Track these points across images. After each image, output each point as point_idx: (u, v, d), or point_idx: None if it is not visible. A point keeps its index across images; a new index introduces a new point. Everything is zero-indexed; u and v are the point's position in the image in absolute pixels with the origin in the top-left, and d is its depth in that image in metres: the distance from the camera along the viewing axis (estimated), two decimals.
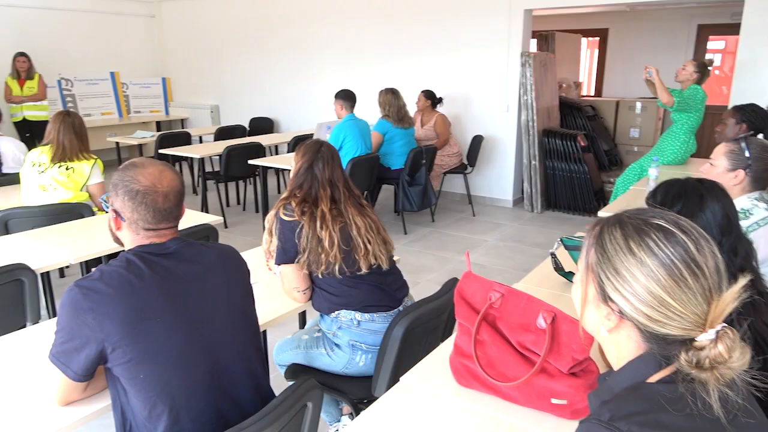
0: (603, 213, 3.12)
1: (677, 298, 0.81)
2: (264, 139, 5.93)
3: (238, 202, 6.20)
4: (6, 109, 6.20)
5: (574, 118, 6.36)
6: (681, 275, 0.81)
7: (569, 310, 1.31)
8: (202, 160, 5.58)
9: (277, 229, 1.85)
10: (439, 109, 5.60)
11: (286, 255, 1.85)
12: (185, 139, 6.25)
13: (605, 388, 0.91)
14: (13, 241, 2.61)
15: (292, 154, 2.02)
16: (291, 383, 2.00)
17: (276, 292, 2.01)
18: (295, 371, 2.00)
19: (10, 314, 2.13)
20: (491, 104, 5.83)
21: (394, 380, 1.74)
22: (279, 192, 6.66)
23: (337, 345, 1.89)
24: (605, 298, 0.88)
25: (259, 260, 2.23)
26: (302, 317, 2.59)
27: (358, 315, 1.86)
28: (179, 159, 6.03)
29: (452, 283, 1.92)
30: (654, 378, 0.84)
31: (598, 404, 0.88)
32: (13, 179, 3.57)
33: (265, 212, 5.05)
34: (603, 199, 5.70)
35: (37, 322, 2.23)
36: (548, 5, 5.47)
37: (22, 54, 6.45)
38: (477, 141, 5.63)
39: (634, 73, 7.51)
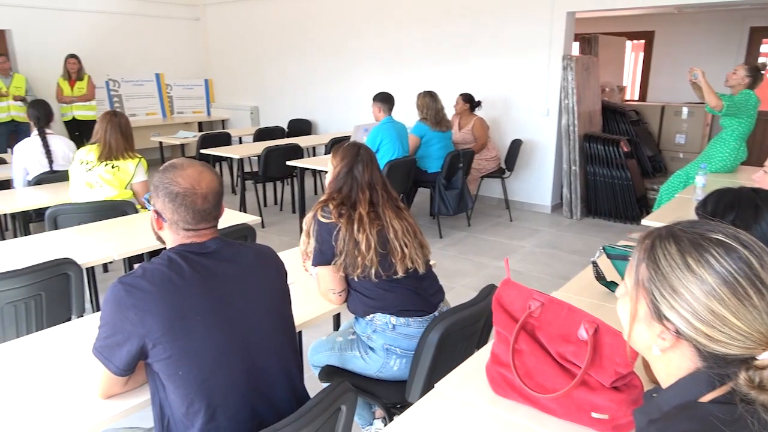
0: (647, 221, 3.03)
1: (742, 318, 0.76)
2: (302, 141, 6.00)
3: (276, 203, 6.28)
4: (57, 109, 6.44)
5: (617, 123, 6.19)
6: (745, 293, 0.76)
7: (610, 321, 1.27)
8: (241, 161, 5.67)
9: (315, 230, 1.85)
10: (478, 112, 5.54)
11: (322, 256, 1.85)
12: (225, 140, 6.37)
13: (653, 405, 0.87)
14: (60, 236, 2.70)
15: (329, 156, 2.03)
16: (325, 385, 2.02)
17: (312, 293, 2.02)
18: (329, 373, 2.01)
19: (57, 307, 2.20)
20: (531, 108, 5.74)
21: (428, 386, 1.73)
22: (316, 193, 6.72)
23: (371, 348, 1.89)
24: (660, 316, 0.84)
25: (295, 261, 2.25)
26: (337, 319, 2.60)
27: (393, 319, 1.85)
28: (219, 159, 6.15)
29: (489, 289, 1.89)
30: (707, 398, 0.80)
31: (645, 422, 0.84)
32: (62, 176, 3.70)
33: (302, 213, 5.11)
34: (646, 206, 5.54)
35: (82, 316, 2.30)
36: (592, 7, 5.35)
37: (73, 56, 6.70)
38: (516, 145, 5.55)
39: (680, 78, 7.25)
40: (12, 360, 1.58)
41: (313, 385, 1.63)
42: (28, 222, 3.72)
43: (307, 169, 5.23)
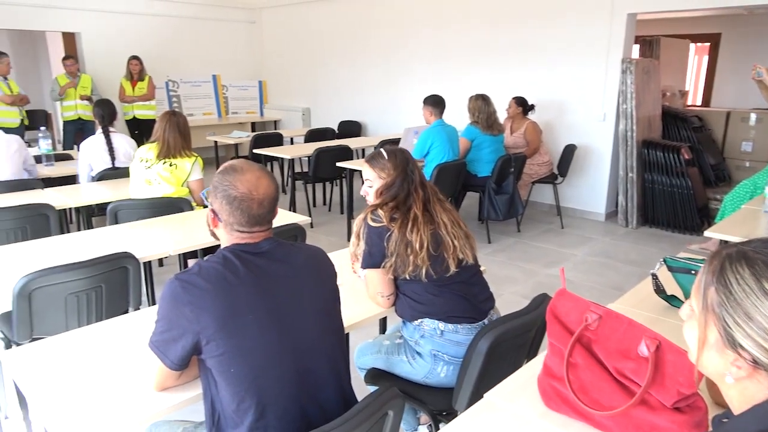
0: (710, 233, 2.88)
1: None
2: (352, 142, 6.04)
3: (324, 203, 6.35)
4: (119, 108, 6.73)
5: (678, 129, 5.94)
6: None
7: (671, 336, 1.21)
8: (291, 161, 5.76)
9: (365, 233, 1.85)
10: (531, 116, 5.43)
11: (372, 259, 1.85)
12: (277, 140, 6.49)
13: None
14: (120, 231, 2.81)
15: (362, 161, 2.02)
16: (372, 389, 2.01)
17: (359, 295, 2.01)
18: (374, 376, 2.00)
19: (116, 299, 2.28)
20: (586, 112, 5.58)
21: (475, 395, 1.69)
22: None
23: (418, 353, 1.87)
24: (733, 344, 0.78)
25: (343, 262, 2.25)
26: (383, 323, 2.59)
27: (441, 325, 1.82)
28: (271, 159, 6.26)
29: (542, 299, 1.84)
30: None
31: None
32: (123, 173, 3.85)
33: (350, 214, 5.14)
34: (707, 217, 5.28)
35: (138, 308, 2.38)
36: (655, 9, 5.16)
37: (135, 57, 6.98)
38: (569, 150, 5.41)
39: (748, 82, 6.90)
40: (74, 349, 1.64)
41: (359, 386, 1.62)
42: (91, 215, 3.89)
43: (356, 170, 5.26)
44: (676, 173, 5.18)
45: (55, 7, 7.02)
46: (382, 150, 1.96)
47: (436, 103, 4.55)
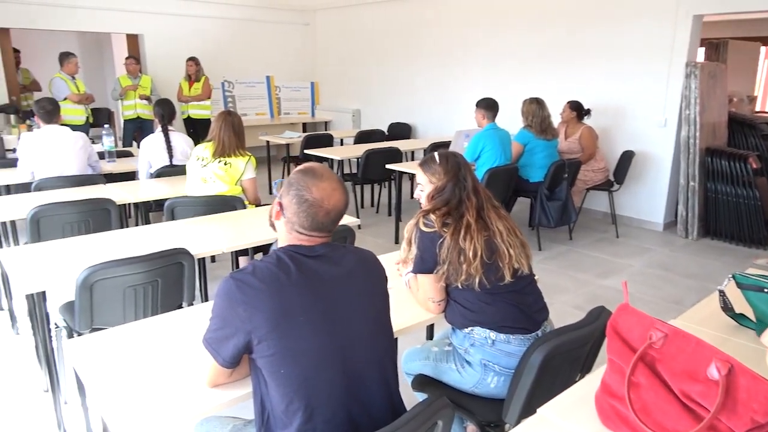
0: None
1: None
2: (401, 144, 6.03)
3: (372, 205, 6.36)
4: (177, 108, 6.95)
5: (745, 137, 5.63)
6: None
7: (741, 358, 1.13)
8: (341, 162, 5.80)
9: (417, 238, 1.83)
10: (586, 121, 5.27)
11: (424, 264, 1.82)
12: (328, 141, 6.55)
13: None
14: (176, 227, 2.89)
15: (412, 164, 2.00)
16: (419, 395, 1.98)
17: (408, 300, 1.99)
18: (422, 382, 1.97)
19: (171, 293, 2.35)
20: (646, 118, 5.37)
21: (527, 408, 1.64)
22: (412, 197, 6.71)
23: (468, 362, 1.83)
24: None
25: (391, 265, 2.23)
26: (430, 328, 2.56)
27: (492, 334, 1.78)
28: (321, 159, 6.33)
29: (599, 311, 1.77)
30: None
31: None
32: (180, 170, 3.97)
33: (398, 217, 5.13)
34: None
35: (192, 304, 2.44)
36: (723, 10, 4.91)
37: (192, 58, 7.19)
38: (626, 157, 5.22)
39: None
40: (131, 341, 1.69)
41: (404, 392, 1.59)
42: (148, 211, 4.03)
43: (405, 173, 5.24)
44: (743, 183, 4.91)
45: (120, 10, 7.33)
46: (435, 154, 1.94)
47: (489, 106, 4.47)
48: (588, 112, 5.24)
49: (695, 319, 1.84)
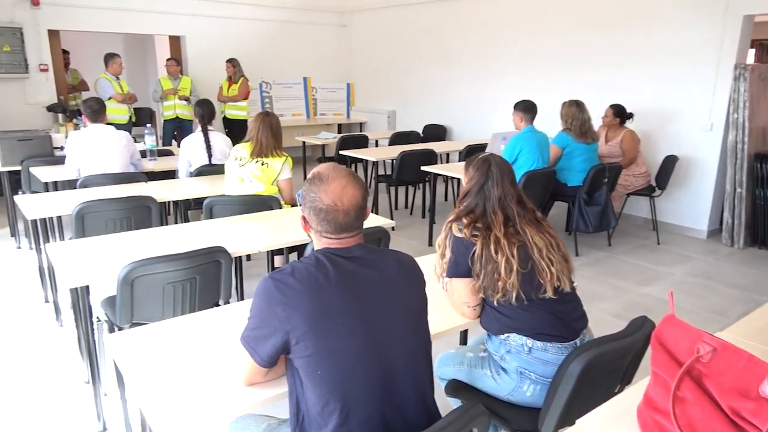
0: None
1: None
2: (437, 146, 5.99)
3: (406, 206, 6.35)
4: (217, 108, 7.08)
5: None
6: None
7: None
8: (376, 163, 5.81)
9: (450, 242, 1.81)
10: (628, 124, 5.14)
11: (458, 268, 1.80)
12: (363, 142, 6.57)
13: None
14: (214, 226, 2.94)
15: (450, 166, 1.98)
16: (455, 403, 1.96)
17: (442, 304, 1.97)
18: (455, 388, 1.95)
19: (208, 291, 2.38)
20: (691, 121, 5.20)
21: (564, 419, 1.60)
22: (446, 199, 6.68)
23: (503, 369, 1.79)
24: None
25: (426, 268, 2.21)
26: (464, 333, 2.53)
27: (529, 341, 1.74)
28: (356, 160, 6.34)
29: (641, 322, 1.71)
30: None
31: None
32: (219, 170, 4.04)
33: (432, 219, 5.10)
34: None
35: (228, 302, 2.47)
36: None
37: (230, 60, 7.32)
38: (669, 161, 5.06)
39: None
40: (170, 337, 1.72)
41: (437, 396, 1.57)
42: (187, 209, 4.11)
43: (440, 174, 5.21)
44: None
45: (164, 12, 7.53)
46: (475, 156, 1.91)
47: (527, 108, 4.40)
48: (631, 115, 5.10)
49: (744, 332, 1.77)
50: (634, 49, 5.52)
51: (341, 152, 6.07)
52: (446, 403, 1.89)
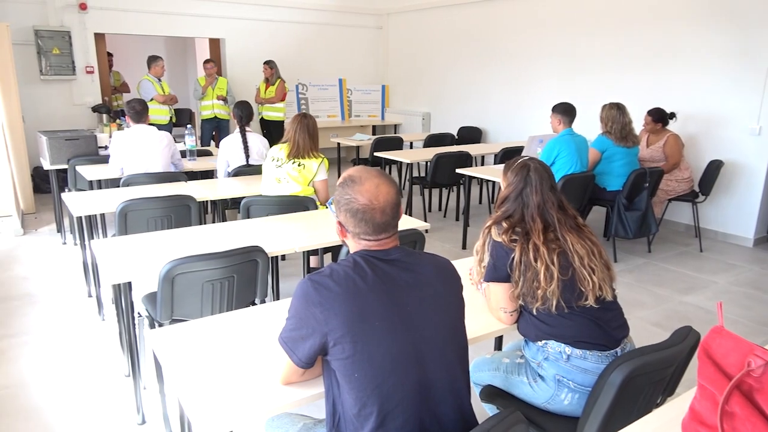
0: None
1: None
2: (472, 149, 5.94)
3: (440, 209, 6.32)
4: (255, 109, 7.19)
5: None
6: None
7: None
8: (410, 165, 5.80)
9: (489, 246, 1.79)
10: (672, 128, 4.99)
11: (496, 273, 1.78)
12: (397, 144, 6.57)
13: None
14: (251, 225, 2.98)
15: (485, 169, 1.95)
16: (490, 409, 1.94)
17: (478, 309, 1.94)
18: (491, 394, 1.92)
19: (245, 290, 2.42)
20: (738, 125, 5.02)
21: (604, 430, 1.56)
22: (480, 202, 6.62)
23: (540, 376, 1.76)
24: None
25: (460, 272, 2.19)
26: (498, 339, 2.50)
27: (568, 349, 1.70)
28: (390, 162, 6.35)
29: (686, 332, 1.66)
30: None
31: None
32: (256, 170, 4.09)
33: (467, 222, 5.06)
34: None
35: (264, 301, 2.50)
36: None
37: (267, 62, 7.42)
38: (714, 166, 4.90)
39: None
40: (209, 334, 1.75)
41: (472, 401, 1.56)
42: (225, 208, 4.19)
43: (475, 177, 5.17)
44: None
45: (205, 16, 7.70)
46: (514, 160, 1.89)
47: (566, 111, 4.32)
48: (672, 116, 4.96)
49: None
50: (678, 51, 5.37)
51: (376, 154, 6.08)
52: (480, 409, 1.87)
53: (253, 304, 2.51)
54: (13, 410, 2.53)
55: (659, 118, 4.92)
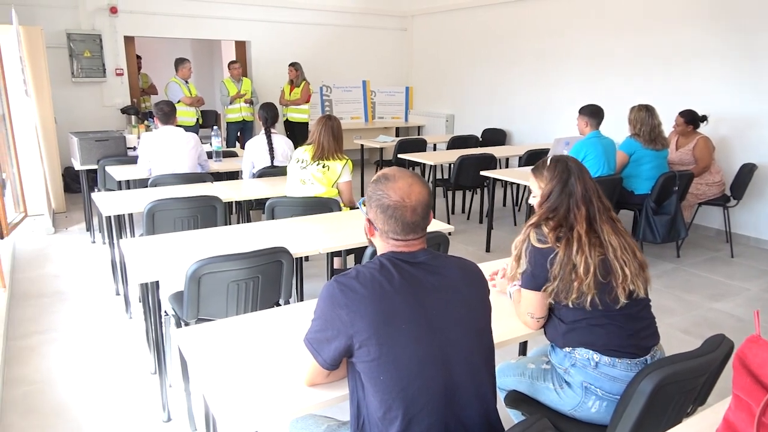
0: None
1: None
2: (496, 151, 5.90)
3: (463, 211, 6.28)
4: (280, 110, 7.25)
5: None
6: None
7: None
8: (434, 167, 5.78)
9: (528, 253, 1.73)
10: (703, 128, 4.88)
11: (534, 281, 1.73)
12: (421, 146, 6.55)
13: None
14: (276, 226, 3.00)
15: (527, 170, 1.92)
16: (515, 414, 1.91)
17: (503, 313, 1.92)
18: (516, 399, 1.90)
19: (269, 290, 2.43)
20: None
21: None
22: (504, 205, 6.57)
23: (567, 383, 1.73)
24: None
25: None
26: (523, 344, 2.47)
27: (596, 356, 1.67)
28: (414, 164, 6.34)
29: (719, 341, 1.61)
30: None
31: None
32: (280, 171, 4.12)
33: (491, 224, 5.02)
34: None
35: (288, 302, 2.52)
36: None
37: (292, 64, 7.48)
38: (747, 170, 4.77)
39: None
40: (234, 334, 1.77)
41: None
42: (249, 209, 4.23)
43: (499, 180, 5.12)
44: None
45: (231, 19, 7.79)
46: (547, 158, 1.86)
47: (593, 113, 4.26)
48: (704, 118, 4.85)
49: None
50: (708, 50, 5.25)
51: (399, 156, 6.08)
52: (505, 414, 1.84)
53: (277, 304, 2.52)
54: (42, 406, 2.58)
55: (691, 119, 4.82)
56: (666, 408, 1.58)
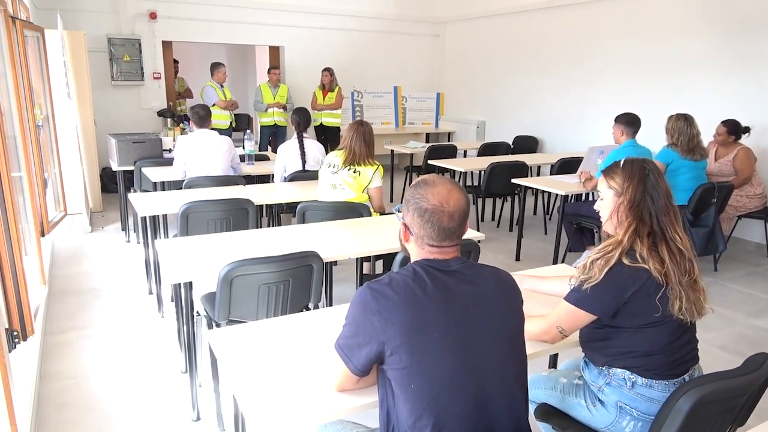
0: None
1: None
2: (528, 159, 5.83)
3: (492, 219, 6.22)
4: (311, 115, 7.31)
5: None
6: None
7: None
8: (464, 174, 5.74)
9: (607, 274, 1.55)
10: (743, 142, 4.74)
11: (596, 305, 1.59)
12: (451, 152, 6.52)
13: None
14: (307, 230, 3.02)
15: (560, 178, 1.84)
16: (545, 428, 1.88)
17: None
18: (546, 413, 1.86)
19: (299, 294, 2.45)
20: None
21: None
22: (535, 213, 6.48)
23: (600, 401, 1.69)
24: None
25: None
26: (554, 358, 2.43)
27: (633, 376, 1.61)
28: (444, 170, 6.32)
29: (762, 360, 1.55)
30: None
31: None
32: (312, 176, 4.16)
33: (521, 232, 4.96)
34: None
35: (317, 306, 2.53)
36: None
37: (327, 69, 7.54)
38: None
39: None
40: (264, 336, 1.78)
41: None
42: (280, 212, 4.27)
43: (530, 188, 5.06)
44: None
45: (266, 24, 7.92)
46: (611, 166, 1.70)
47: (630, 122, 4.17)
48: (747, 130, 4.70)
49: None
50: (749, 58, 5.10)
51: (429, 162, 6.06)
52: (535, 427, 1.81)
53: (307, 308, 2.54)
54: (76, 400, 2.65)
55: (734, 130, 4.69)
56: (704, 428, 1.52)
